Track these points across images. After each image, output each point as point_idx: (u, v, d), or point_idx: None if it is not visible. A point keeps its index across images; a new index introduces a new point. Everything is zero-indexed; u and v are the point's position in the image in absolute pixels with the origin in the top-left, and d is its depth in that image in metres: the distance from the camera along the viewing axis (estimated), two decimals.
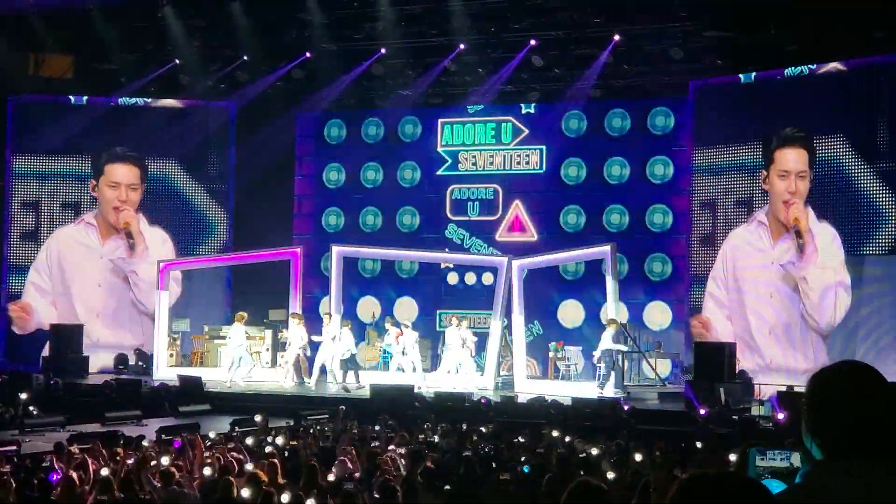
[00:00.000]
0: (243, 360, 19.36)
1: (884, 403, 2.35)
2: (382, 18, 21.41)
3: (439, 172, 23.95)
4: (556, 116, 23.14)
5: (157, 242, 23.22)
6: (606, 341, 18.17)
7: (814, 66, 19.23)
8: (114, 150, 23.27)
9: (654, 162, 22.41)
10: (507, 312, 19.89)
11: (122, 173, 23.25)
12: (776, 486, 2.93)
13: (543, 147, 23.25)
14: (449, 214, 23.85)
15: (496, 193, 23.56)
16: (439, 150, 23.95)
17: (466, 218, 23.72)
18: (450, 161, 23.88)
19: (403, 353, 19.26)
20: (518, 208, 23.36)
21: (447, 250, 23.43)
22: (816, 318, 18.30)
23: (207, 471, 9.20)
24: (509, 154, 23.48)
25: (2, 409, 16.04)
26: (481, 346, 20.32)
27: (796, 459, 2.89)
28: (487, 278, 22.73)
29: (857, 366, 2.45)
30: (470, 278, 23.57)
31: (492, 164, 23.59)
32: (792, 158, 19.22)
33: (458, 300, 23.38)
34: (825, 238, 18.57)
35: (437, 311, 23.66)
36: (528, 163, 23.34)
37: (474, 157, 23.72)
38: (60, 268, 23.04)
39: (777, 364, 18.99)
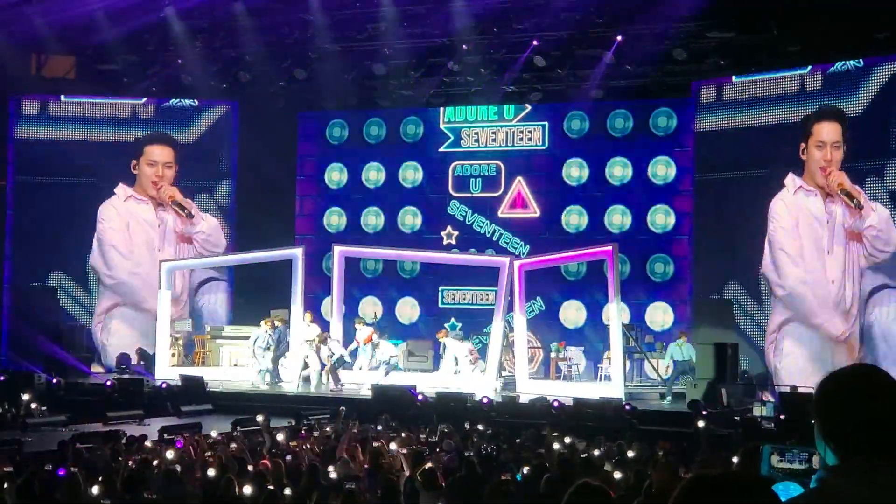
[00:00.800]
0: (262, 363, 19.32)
1: (891, 405, 2.34)
2: (384, 19, 21.40)
3: (442, 149, 23.95)
4: (559, 117, 23.15)
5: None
6: (690, 353, 18.62)
7: (816, 67, 19.25)
8: (153, 132, 23.94)
9: (656, 162, 22.40)
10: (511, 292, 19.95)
11: (158, 153, 23.89)
12: (793, 489, 2.92)
13: (546, 123, 23.28)
14: (451, 191, 23.84)
15: (498, 170, 23.56)
16: (441, 126, 23.93)
17: (469, 195, 23.72)
18: (452, 138, 23.88)
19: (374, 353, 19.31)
20: (520, 185, 23.37)
21: (449, 228, 23.62)
22: (887, 248, 18.74)
23: (210, 470, 9.20)
24: (511, 131, 23.50)
25: (4, 409, 16.07)
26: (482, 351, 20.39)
27: (815, 461, 2.86)
28: (489, 254, 23.17)
29: (866, 369, 2.44)
30: (473, 253, 23.60)
31: (494, 140, 23.61)
32: (827, 130, 19.63)
33: (460, 275, 23.46)
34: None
35: (440, 288, 23.74)
36: (530, 139, 23.37)
37: (476, 133, 23.74)
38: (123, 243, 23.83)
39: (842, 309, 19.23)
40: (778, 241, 20.23)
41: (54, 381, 19.13)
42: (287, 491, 8.11)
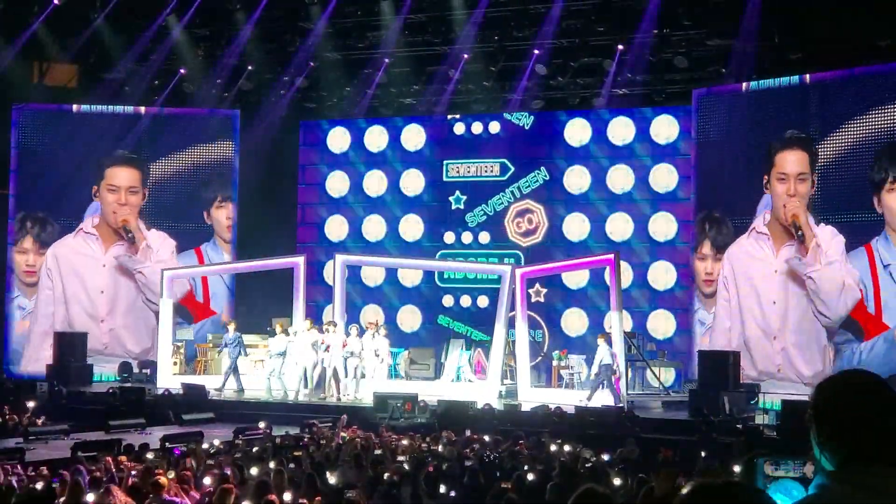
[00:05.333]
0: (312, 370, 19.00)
1: (891, 411, 2.34)
2: (386, 27, 21.45)
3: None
4: (560, 125, 23.19)
5: (157, 241, 23.26)
6: (605, 355, 18.29)
7: (817, 74, 19.23)
8: (115, 153, 23.27)
9: (657, 170, 22.42)
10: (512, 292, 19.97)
11: (121, 177, 23.28)
12: (793, 487, 2.92)
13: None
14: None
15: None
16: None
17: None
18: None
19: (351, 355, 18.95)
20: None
21: (454, 116, 23.83)
22: (826, 314, 18.39)
23: (209, 480, 9.19)
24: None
25: (7, 417, 16.05)
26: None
27: (809, 470, 2.89)
28: (494, 127, 23.57)
29: (862, 375, 2.44)
30: (477, 128, 23.79)
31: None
32: (791, 161, 19.31)
33: (464, 149, 23.76)
34: (825, 235, 18.69)
35: (445, 161, 23.93)
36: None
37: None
38: (60, 279, 22.95)
39: (785, 372, 18.93)
40: (720, 292, 20.00)
41: (56, 389, 19.12)
42: (287, 497, 8.11)
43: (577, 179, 23.04)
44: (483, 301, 23.13)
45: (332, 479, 9.39)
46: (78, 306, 22.88)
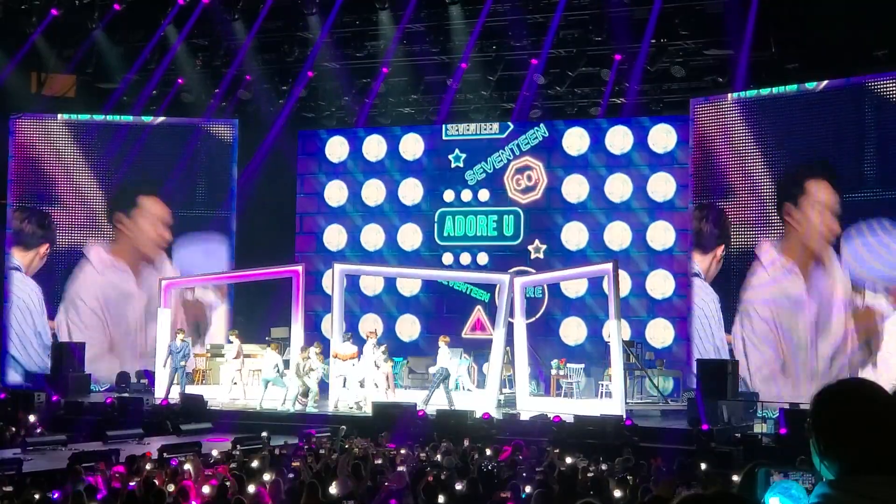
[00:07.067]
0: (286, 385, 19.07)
1: (891, 420, 2.34)
2: (384, 37, 21.50)
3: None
4: (558, 134, 23.23)
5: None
6: (444, 359, 18.64)
7: (814, 84, 19.26)
8: (145, 181, 23.38)
9: (655, 179, 22.45)
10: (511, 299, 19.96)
11: (154, 205, 23.51)
12: (795, 489, 2.91)
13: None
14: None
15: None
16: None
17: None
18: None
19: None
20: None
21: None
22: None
23: (207, 489, 9.19)
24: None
25: (2, 428, 16.04)
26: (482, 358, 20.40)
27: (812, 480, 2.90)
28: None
29: (860, 383, 2.44)
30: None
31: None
32: (821, 188, 18.98)
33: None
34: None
35: (444, 125, 24.02)
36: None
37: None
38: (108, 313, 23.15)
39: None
40: (749, 327, 19.59)
41: (54, 399, 19.10)
42: None
43: (575, 188, 23.06)
44: (483, 258, 23.49)
45: (331, 489, 9.38)
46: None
